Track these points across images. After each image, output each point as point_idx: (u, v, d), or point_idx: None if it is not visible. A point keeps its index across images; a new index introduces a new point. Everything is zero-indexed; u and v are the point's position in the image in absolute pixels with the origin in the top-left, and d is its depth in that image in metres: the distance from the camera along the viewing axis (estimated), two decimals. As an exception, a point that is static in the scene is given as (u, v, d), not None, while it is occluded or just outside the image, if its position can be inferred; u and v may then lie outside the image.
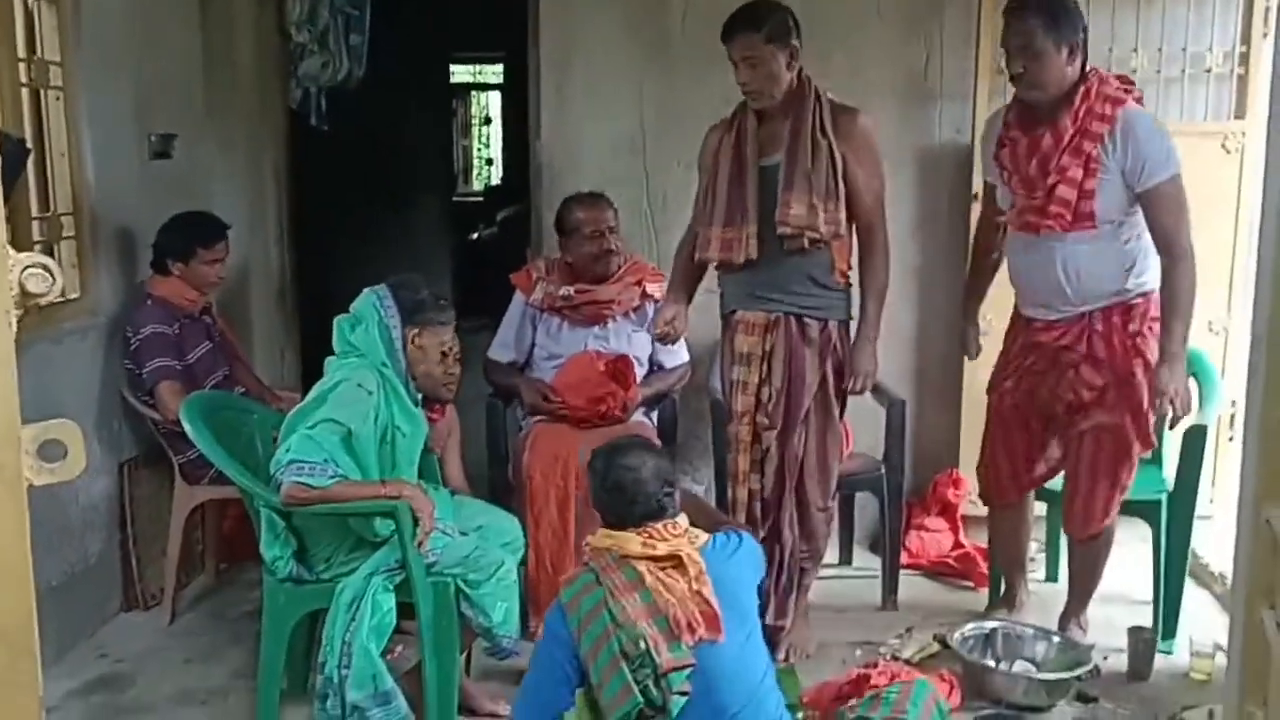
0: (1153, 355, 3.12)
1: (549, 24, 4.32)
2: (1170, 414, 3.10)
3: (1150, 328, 3.15)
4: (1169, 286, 3.08)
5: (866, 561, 4.09)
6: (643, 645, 2.25)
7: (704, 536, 2.42)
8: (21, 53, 3.31)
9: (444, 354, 2.95)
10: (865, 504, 4.10)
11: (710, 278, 3.44)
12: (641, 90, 4.28)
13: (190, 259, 3.62)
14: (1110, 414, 3.18)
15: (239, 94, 4.41)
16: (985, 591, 3.80)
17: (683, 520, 2.42)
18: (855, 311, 3.33)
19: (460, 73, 12.71)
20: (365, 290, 2.97)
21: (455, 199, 10.25)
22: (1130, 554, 3.95)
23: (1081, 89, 3.05)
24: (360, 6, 4.65)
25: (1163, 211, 3.06)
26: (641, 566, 2.32)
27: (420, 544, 2.74)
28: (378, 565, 2.77)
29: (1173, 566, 3.44)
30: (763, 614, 3.38)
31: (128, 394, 3.62)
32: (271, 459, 2.78)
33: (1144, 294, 3.17)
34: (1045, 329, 3.23)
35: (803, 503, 3.34)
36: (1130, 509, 3.49)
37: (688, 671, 2.26)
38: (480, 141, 13.22)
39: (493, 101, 12.94)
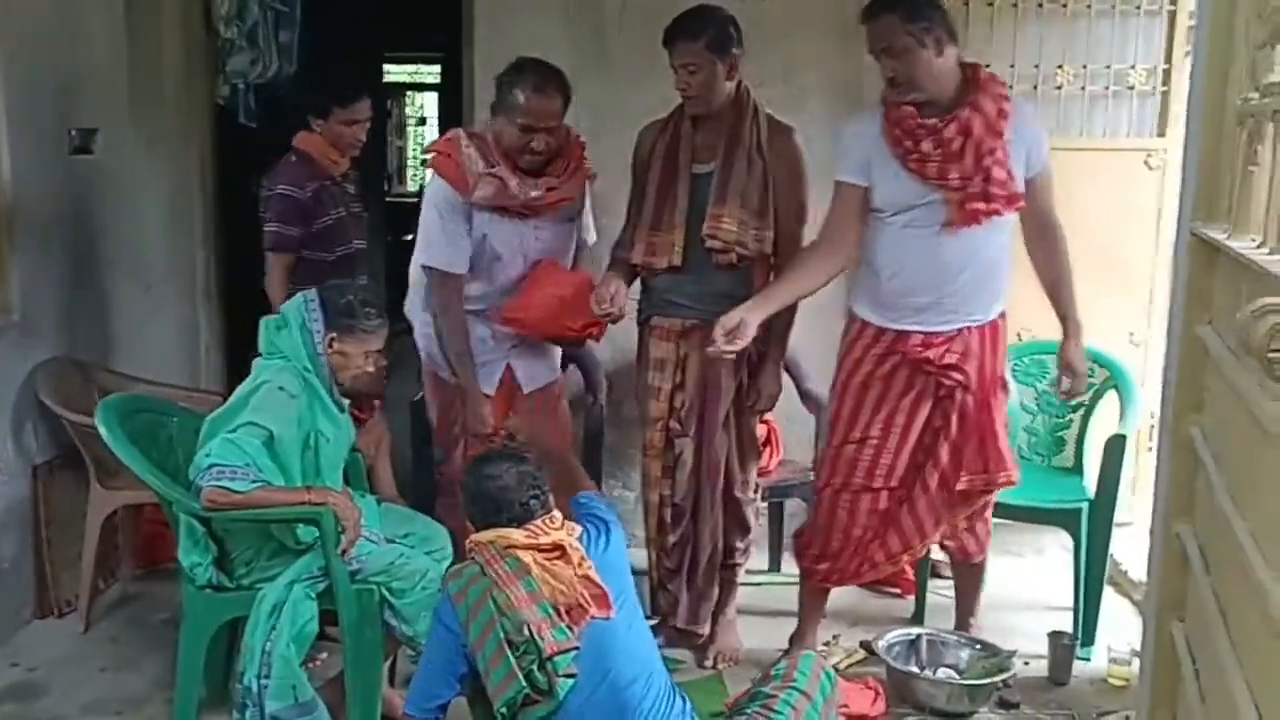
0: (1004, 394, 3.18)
1: (484, 24, 4.29)
2: (1076, 392, 3.18)
3: (1003, 361, 3.17)
4: (1060, 258, 3.13)
5: (795, 568, 4.10)
6: (526, 632, 2.29)
7: (579, 528, 2.49)
8: (-66, 44, 3.22)
9: (368, 358, 2.90)
10: (794, 511, 4.12)
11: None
12: (578, 92, 4.25)
13: (328, 116, 3.60)
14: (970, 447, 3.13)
15: (165, 89, 4.32)
16: (912, 599, 3.83)
17: (558, 515, 2.47)
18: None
19: (397, 73, 12.60)
20: (298, 294, 2.93)
21: (389, 200, 10.14)
22: (1049, 561, 4.05)
23: (973, 76, 3.01)
24: (290, 3, 4.58)
25: (1049, 193, 3.12)
26: (526, 556, 2.37)
27: (344, 552, 2.71)
28: (300, 573, 2.73)
29: (1092, 574, 3.50)
30: (671, 614, 3.41)
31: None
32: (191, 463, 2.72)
33: (1002, 314, 3.16)
34: (924, 344, 3.06)
35: (732, 501, 3.36)
36: (1050, 517, 3.56)
37: (573, 654, 2.32)
38: (415, 142, 13.13)
39: (429, 102, 12.84)
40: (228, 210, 4.64)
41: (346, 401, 2.96)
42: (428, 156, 3.37)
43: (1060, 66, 4.16)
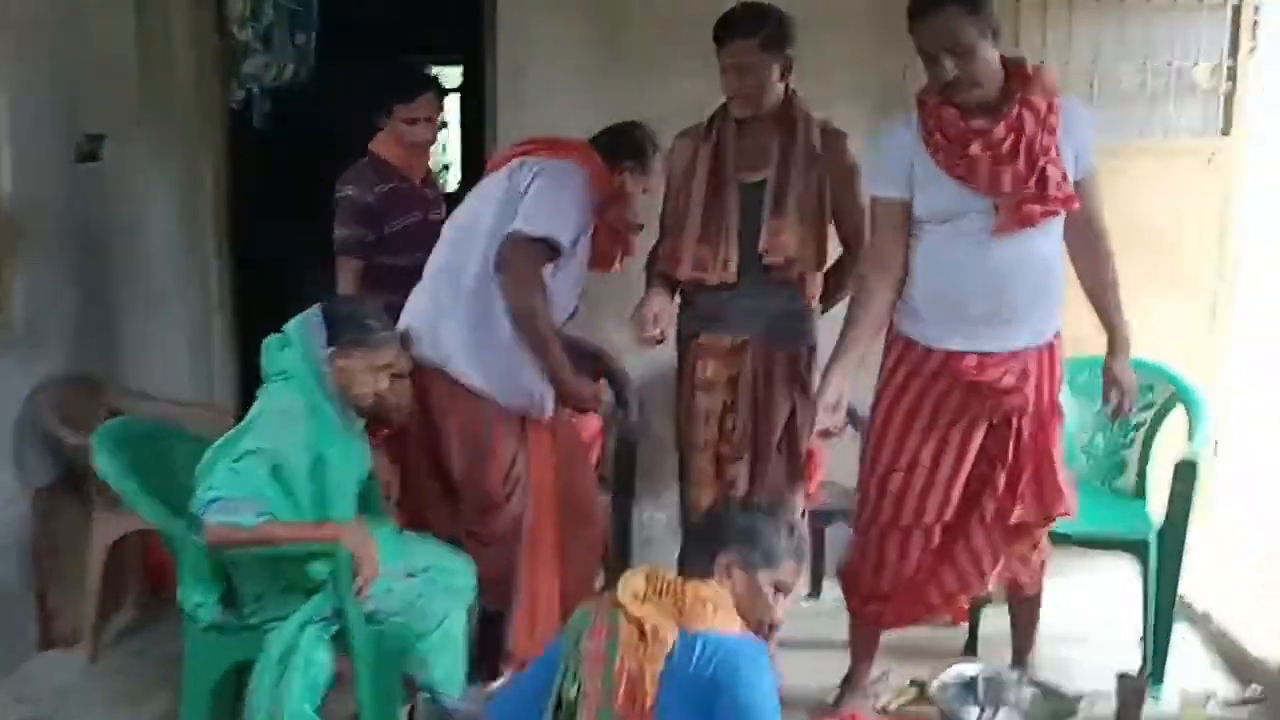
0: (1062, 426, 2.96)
1: (506, 26, 4.11)
2: (1124, 410, 2.97)
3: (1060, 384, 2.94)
4: (1105, 267, 2.90)
5: (839, 594, 3.88)
6: (574, 694, 2.06)
7: (706, 619, 2.11)
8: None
9: (378, 374, 2.71)
10: (837, 534, 3.89)
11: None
12: (603, 96, 4.07)
13: (390, 114, 3.41)
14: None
15: (176, 93, 4.14)
16: (965, 627, 3.60)
17: (710, 591, 2.15)
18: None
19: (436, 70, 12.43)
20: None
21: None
22: (1103, 585, 3.79)
23: (1018, 71, 2.76)
24: (306, 4, 4.41)
25: (1097, 200, 2.87)
26: (622, 616, 2.10)
27: (360, 592, 2.51)
28: (312, 614, 2.53)
29: (1162, 610, 3.27)
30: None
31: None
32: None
33: (1058, 334, 2.92)
34: (979, 365, 2.81)
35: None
36: (1116, 546, 3.32)
37: None
38: (438, 145, 12.95)
39: (451, 105, 12.68)
40: (243, 218, 4.46)
41: (361, 423, 2.76)
42: (555, 151, 3.07)
43: (1119, 63, 3.93)
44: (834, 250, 3.18)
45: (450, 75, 11.88)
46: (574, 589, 3.19)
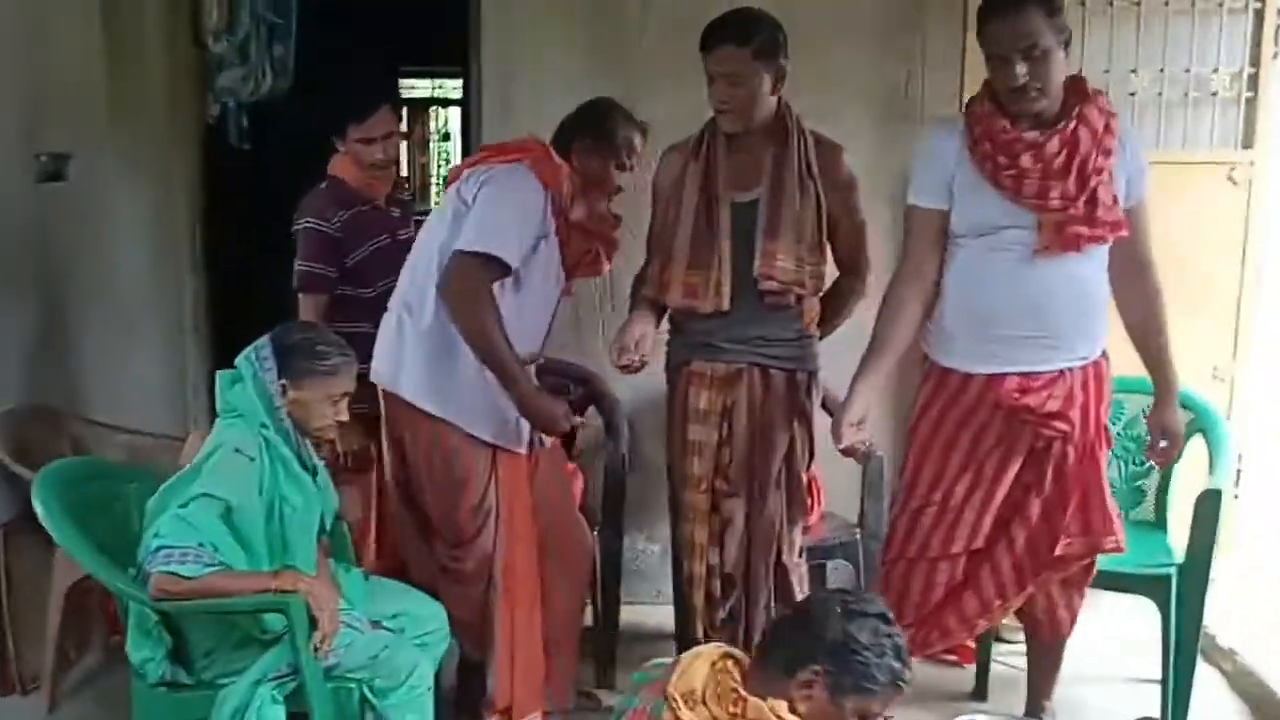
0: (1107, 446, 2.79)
1: (492, 32, 3.92)
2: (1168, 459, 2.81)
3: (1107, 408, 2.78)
4: (1153, 303, 2.73)
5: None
6: None
7: None
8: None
9: (337, 404, 2.55)
10: (838, 567, 3.70)
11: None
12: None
13: (344, 135, 3.18)
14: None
15: (148, 108, 3.96)
16: (972, 669, 3.41)
17: (769, 704, 1.85)
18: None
19: (420, 87, 12.27)
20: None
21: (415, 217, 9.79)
22: (1120, 620, 3.58)
23: (1077, 85, 2.64)
24: (285, 15, 4.24)
25: (1145, 229, 2.72)
26: (667, 713, 1.83)
27: (319, 649, 2.33)
28: (266, 670, 2.36)
29: (1184, 650, 3.06)
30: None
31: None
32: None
33: (1104, 353, 2.76)
34: (1021, 388, 2.66)
35: (779, 567, 2.97)
36: (1133, 585, 3.12)
37: None
38: (440, 158, 12.81)
39: (452, 117, 12.54)
40: (218, 238, 4.30)
41: (319, 463, 2.58)
42: (503, 156, 2.87)
43: (1134, 71, 3.74)
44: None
45: (452, 87, 11.81)
46: (557, 631, 3.04)
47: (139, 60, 3.93)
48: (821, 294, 2.94)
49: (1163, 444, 2.79)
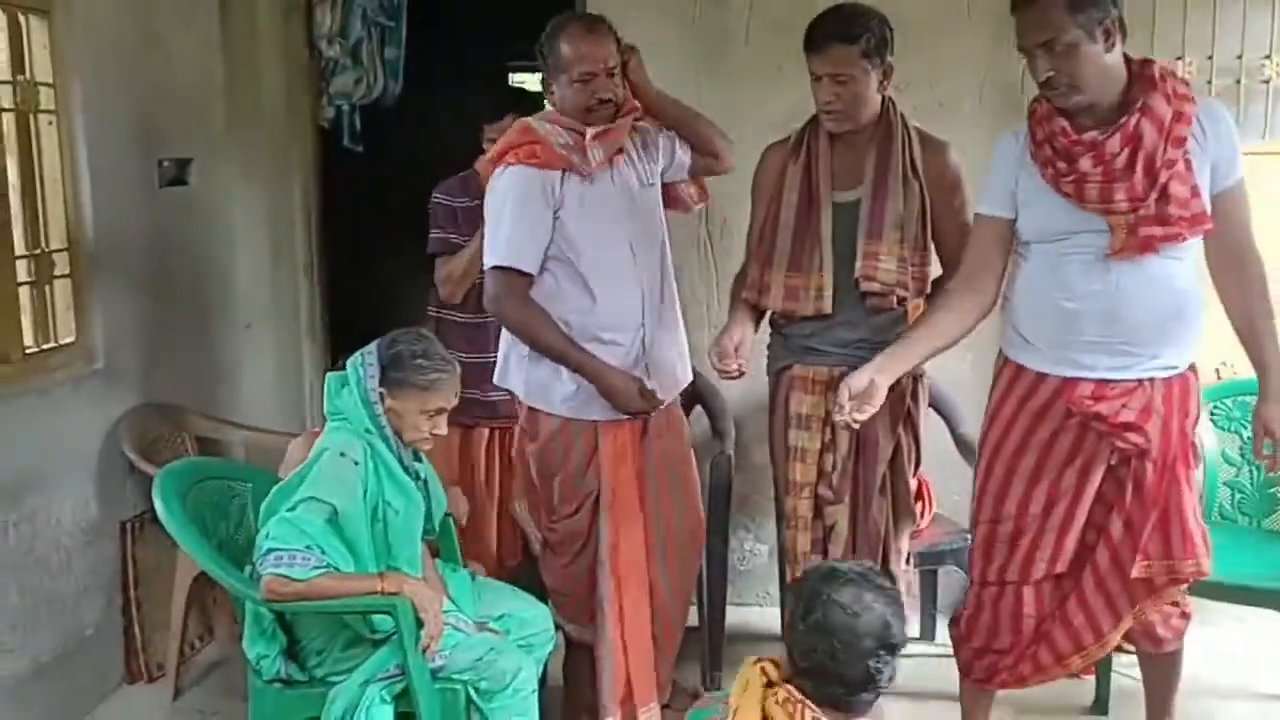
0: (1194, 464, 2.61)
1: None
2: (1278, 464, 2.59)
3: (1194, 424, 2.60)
4: (1256, 294, 2.53)
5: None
6: None
7: None
8: (6, 74, 3.00)
9: (433, 418, 2.56)
10: (949, 574, 3.61)
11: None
12: (699, 100, 3.85)
13: (481, 135, 3.32)
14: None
15: (264, 113, 4.09)
16: (1092, 681, 3.29)
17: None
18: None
19: (531, 82, 12.37)
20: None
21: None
22: (1252, 631, 3.43)
23: (1143, 72, 2.46)
24: (396, 18, 4.32)
25: (1243, 212, 2.52)
26: None
27: (427, 649, 2.36)
28: (374, 670, 2.40)
29: (1319, 667, 2.92)
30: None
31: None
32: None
33: (1193, 366, 2.60)
34: (1095, 395, 2.52)
35: (888, 574, 2.86)
36: (1262, 599, 2.97)
37: None
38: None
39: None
40: (333, 240, 4.39)
41: (425, 466, 2.61)
42: (498, 162, 2.82)
43: (1180, 58, 3.54)
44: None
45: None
46: (660, 627, 2.97)
47: (255, 66, 4.04)
48: (926, 295, 2.85)
49: (1268, 447, 2.57)
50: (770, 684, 1.93)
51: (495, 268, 2.74)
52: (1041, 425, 2.58)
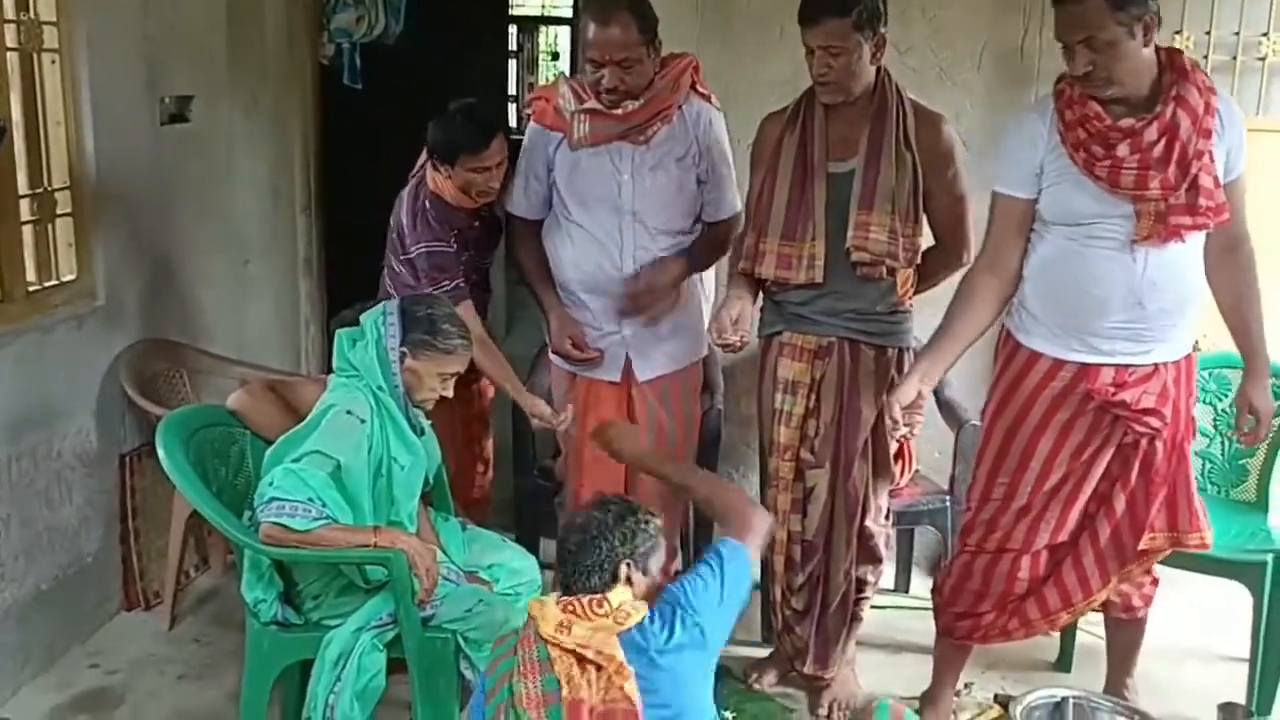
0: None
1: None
2: (1258, 439, 2.73)
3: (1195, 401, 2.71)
4: (1247, 279, 2.62)
5: (925, 590, 3.71)
6: None
7: (637, 614, 2.06)
8: (10, 13, 3.01)
9: (445, 381, 2.63)
10: (925, 534, 3.72)
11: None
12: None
13: (455, 163, 3.10)
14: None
15: (265, 51, 4.08)
16: (1057, 638, 3.40)
17: (617, 596, 2.07)
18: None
19: (531, 5, 12.23)
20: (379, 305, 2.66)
21: (515, 139, 9.80)
22: (1209, 596, 3.52)
23: (1173, 62, 2.50)
24: (398, -45, 4.29)
25: (1241, 202, 2.60)
26: (554, 650, 2.02)
27: (421, 602, 2.46)
28: (368, 618, 2.50)
29: (1273, 638, 3.02)
30: (798, 659, 3.08)
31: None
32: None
33: (1196, 345, 2.70)
34: (1116, 382, 2.57)
35: (864, 531, 2.98)
36: (1226, 569, 3.07)
37: None
38: (548, 76, 12.79)
39: (562, 35, 12.49)
40: (331, 178, 4.41)
41: (427, 424, 2.68)
42: (529, 110, 3.12)
43: (1178, 33, 3.55)
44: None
45: (563, 4, 11.74)
46: None
47: (257, 3, 4.02)
48: (916, 265, 2.89)
49: (1247, 423, 2.69)
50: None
51: (505, 212, 3.14)
52: (1060, 409, 2.64)
